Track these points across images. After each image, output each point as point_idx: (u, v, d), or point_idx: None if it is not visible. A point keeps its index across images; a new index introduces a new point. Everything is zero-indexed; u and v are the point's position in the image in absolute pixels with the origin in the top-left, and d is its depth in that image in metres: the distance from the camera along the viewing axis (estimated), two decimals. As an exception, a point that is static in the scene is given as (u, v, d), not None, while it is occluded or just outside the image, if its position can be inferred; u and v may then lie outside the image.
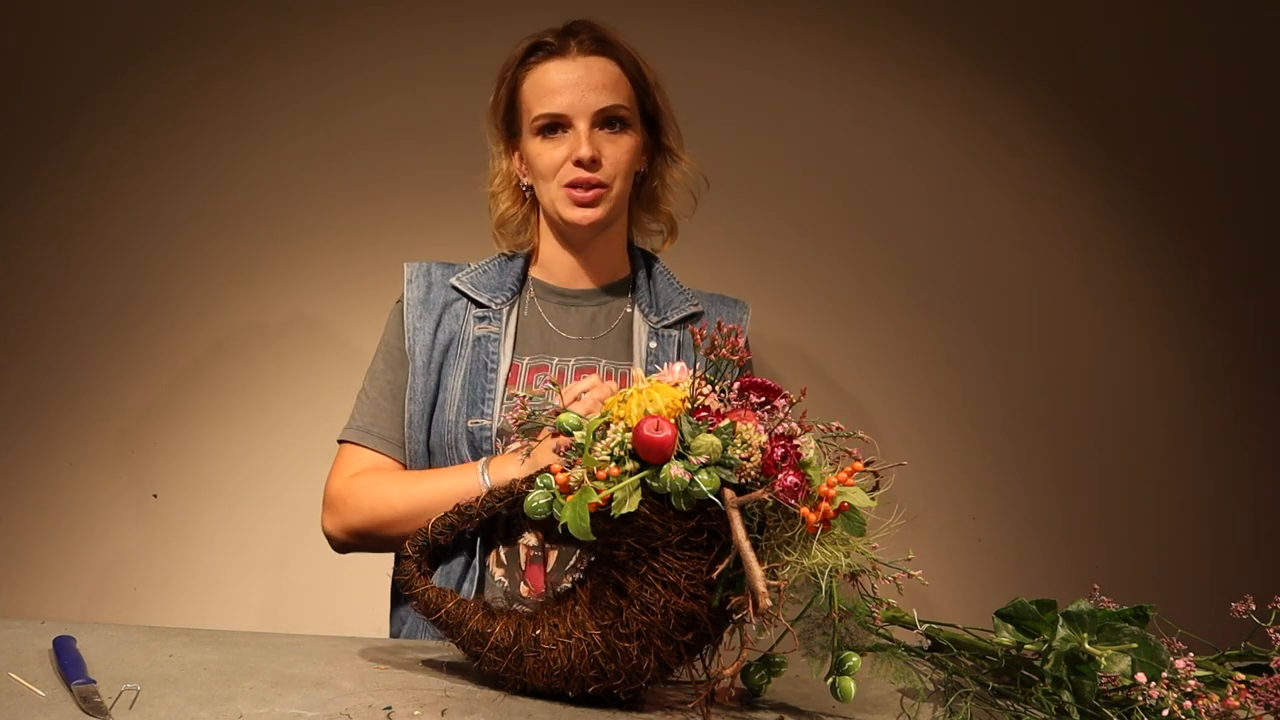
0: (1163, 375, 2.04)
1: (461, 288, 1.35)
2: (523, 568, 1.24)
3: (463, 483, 1.20)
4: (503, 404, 1.27)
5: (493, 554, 1.25)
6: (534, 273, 1.39)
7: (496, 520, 1.25)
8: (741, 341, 0.90)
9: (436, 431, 1.29)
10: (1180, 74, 2.05)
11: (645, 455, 0.83)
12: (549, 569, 1.23)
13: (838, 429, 0.89)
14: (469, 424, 1.26)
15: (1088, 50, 2.03)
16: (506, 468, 1.19)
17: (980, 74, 2.02)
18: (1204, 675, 0.87)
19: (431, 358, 1.31)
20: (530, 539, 1.24)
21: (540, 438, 0.96)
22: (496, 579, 1.24)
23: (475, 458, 1.26)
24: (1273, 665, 0.88)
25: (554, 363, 1.32)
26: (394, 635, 1.33)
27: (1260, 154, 2.05)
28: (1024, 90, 2.03)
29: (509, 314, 1.34)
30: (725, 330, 0.89)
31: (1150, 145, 2.04)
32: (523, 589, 1.23)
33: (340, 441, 1.32)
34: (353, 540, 1.27)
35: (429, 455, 1.30)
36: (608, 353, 1.34)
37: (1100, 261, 2.04)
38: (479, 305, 1.34)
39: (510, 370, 1.30)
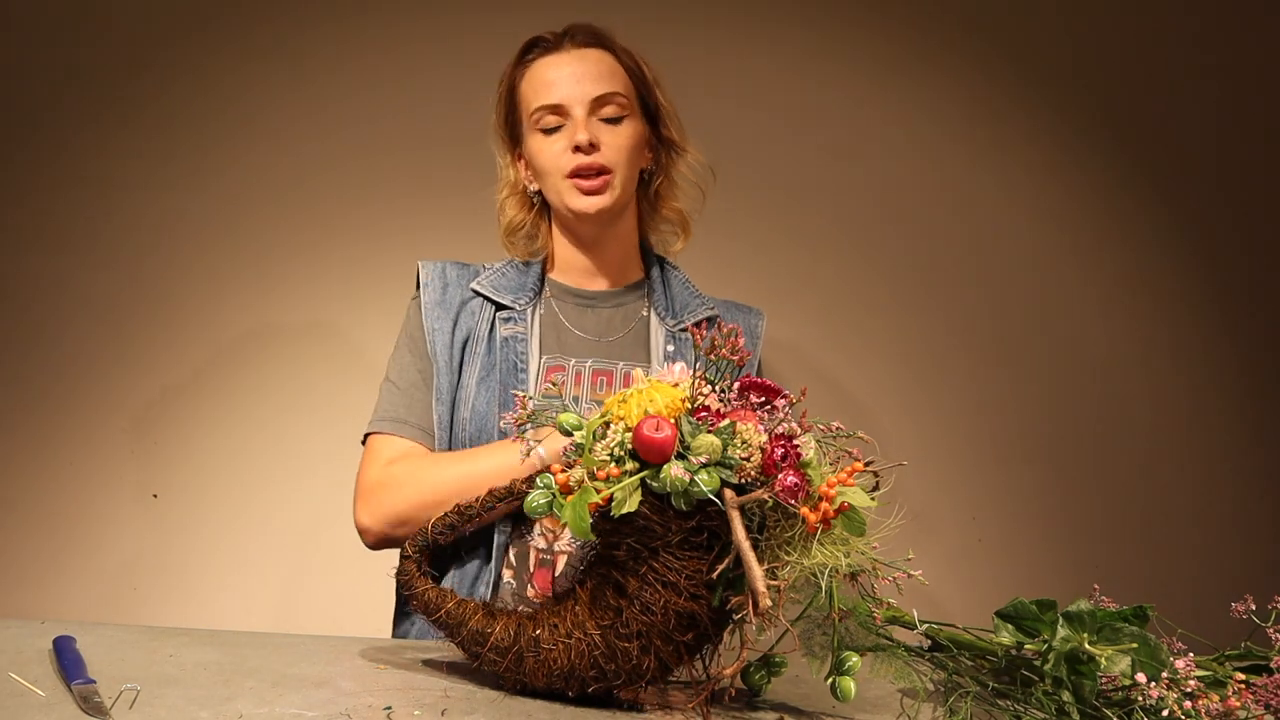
0: (1164, 375, 2.04)
1: (483, 291, 1.34)
2: (531, 570, 1.24)
3: (507, 459, 1.16)
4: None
5: (503, 555, 1.25)
6: (551, 275, 1.39)
7: (507, 520, 1.25)
8: (742, 342, 0.90)
9: (457, 427, 1.29)
10: (1187, 78, 2.05)
11: (645, 455, 0.83)
12: (556, 573, 1.23)
13: (838, 429, 0.89)
14: (501, 425, 1.26)
15: (1095, 55, 2.03)
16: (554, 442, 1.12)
17: (984, 78, 2.01)
18: (1204, 675, 0.87)
19: (452, 356, 1.31)
20: (540, 541, 1.24)
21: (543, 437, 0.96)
22: (505, 580, 1.24)
23: None
24: (1273, 665, 0.87)
25: (571, 364, 1.32)
26: (402, 636, 1.33)
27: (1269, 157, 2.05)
28: (1032, 96, 2.03)
29: (532, 314, 1.34)
30: (725, 330, 0.89)
31: (1155, 149, 2.04)
32: (530, 591, 1.23)
33: (368, 435, 1.29)
34: (393, 529, 1.21)
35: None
36: (624, 355, 1.34)
37: (1102, 263, 2.04)
38: (502, 307, 1.34)
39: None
